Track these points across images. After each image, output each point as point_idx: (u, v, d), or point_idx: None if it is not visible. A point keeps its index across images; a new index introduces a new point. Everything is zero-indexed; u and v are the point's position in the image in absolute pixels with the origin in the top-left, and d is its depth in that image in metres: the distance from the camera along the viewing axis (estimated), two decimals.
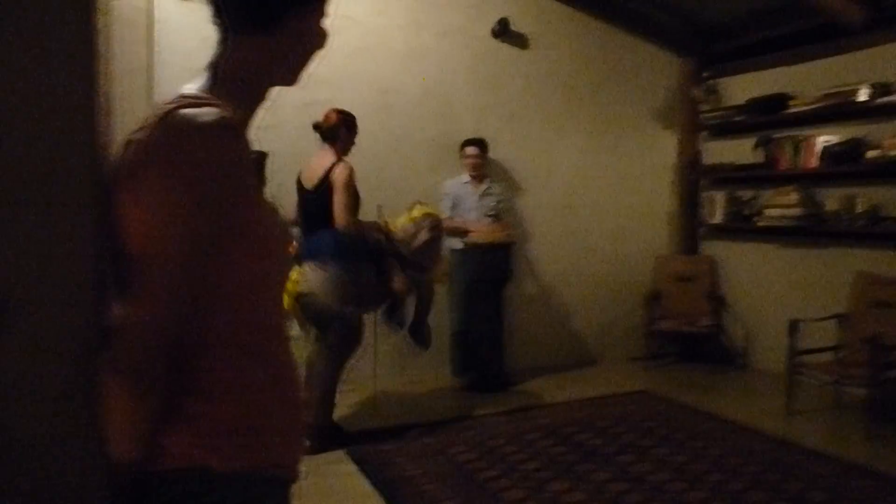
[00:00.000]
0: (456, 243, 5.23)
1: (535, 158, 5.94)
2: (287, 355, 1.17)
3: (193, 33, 4.39)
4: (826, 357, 4.73)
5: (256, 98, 1.17)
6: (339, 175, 3.96)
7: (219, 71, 1.12)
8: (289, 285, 3.96)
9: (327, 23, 1.20)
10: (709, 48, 6.29)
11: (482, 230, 5.17)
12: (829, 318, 4.86)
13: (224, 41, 1.13)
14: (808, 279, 5.47)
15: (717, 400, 5.05)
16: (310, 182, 4.07)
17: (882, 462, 3.83)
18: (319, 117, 5.35)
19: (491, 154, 5.46)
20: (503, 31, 5.63)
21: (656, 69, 6.42)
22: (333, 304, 3.92)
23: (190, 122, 0.98)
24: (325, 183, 3.97)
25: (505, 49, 5.76)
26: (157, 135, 0.99)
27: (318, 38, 1.18)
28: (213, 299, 1.04)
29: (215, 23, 1.12)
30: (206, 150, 0.97)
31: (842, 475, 3.66)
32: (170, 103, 1.02)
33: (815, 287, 5.39)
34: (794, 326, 4.64)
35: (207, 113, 0.99)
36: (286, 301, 3.97)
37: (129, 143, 1.03)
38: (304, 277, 3.92)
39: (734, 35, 6.03)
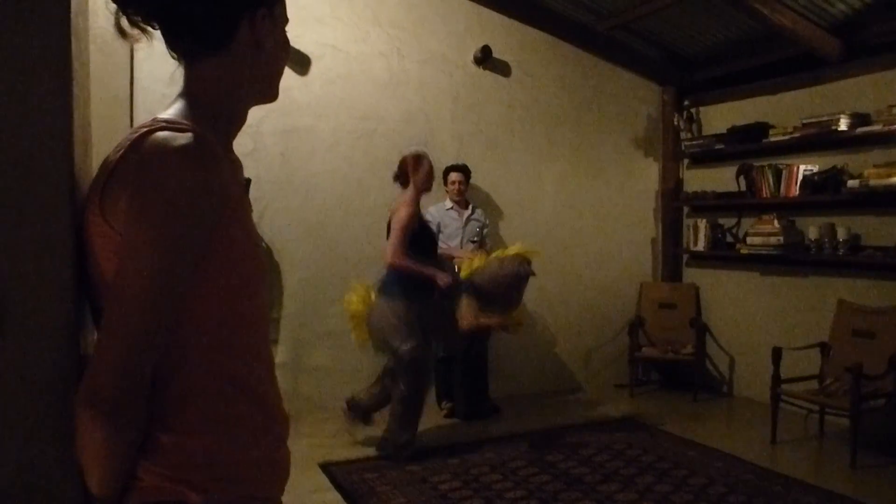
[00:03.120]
0: None
1: (518, 185, 5.95)
2: (270, 384, 1.14)
3: (171, 62, 4.38)
4: (809, 386, 4.73)
5: (234, 119, 1.15)
6: (397, 215, 4.17)
7: (190, 97, 1.09)
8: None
9: (290, 31, 1.17)
10: (689, 77, 6.36)
11: (466, 256, 5.14)
12: (811, 346, 4.87)
13: (187, 69, 1.10)
14: (790, 307, 5.49)
15: (702, 428, 5.03)
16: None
17: (865, 492, 3.81)
18: (300, 143, 5.38)
19: (473, 180, 5.47)
20: (485, 58, 5.66)
21: (637, 97, 6.47)
22: (390, 339, 4.12)
23: (162, 146, 0.96)
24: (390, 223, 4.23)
25: (487, 76, 5.79)
26: (130, 158, 0.97)
27: (282, 46, 1.15)
28: (190, 327, 1.01)
29: (172, 55, 1.11)
30: (178, 174, 0.94)
31: None
32: (144, 126, 1.00)
33: (797, 315, 5.41)
34: (776, 355, 4.64)
35: (180, 136, 0.97)
36: (361, 333, 4.29)
37: (104, 166, 1.01)
38: (375, 312, 4.20)
39: (714, 64, 6.10)
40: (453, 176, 5.31)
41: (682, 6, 5.24)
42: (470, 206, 5.39)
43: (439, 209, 5.33)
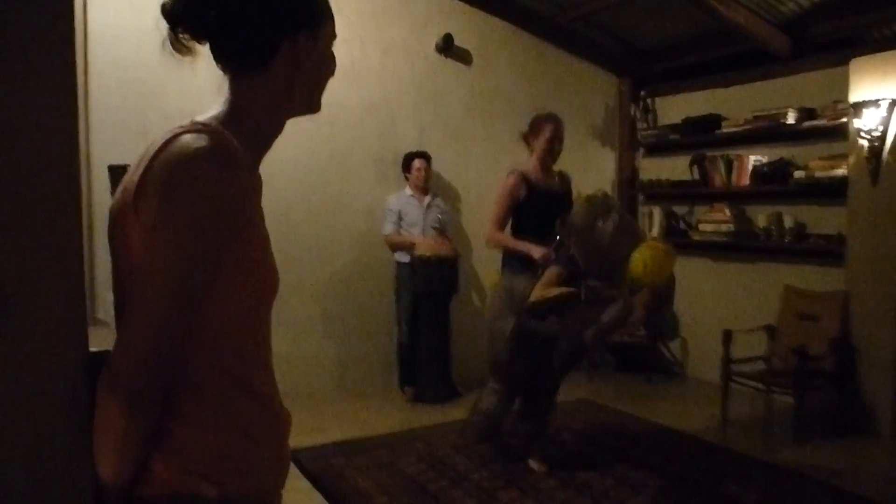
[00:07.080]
0: (402, 257, 5.29)
1: (478, 173, 6.02)
2: (271, 385, 1.19)
3: (129, 46, 4.35)
4: (757, 366, 4.94)
5: (270, 129, 1.20)
6: (499, 185, 4.03)
7: (230, 105, 1.15)
8: None
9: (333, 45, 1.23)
10: (645, 69, 6.52)
11: (428, 244, 5.22)
12: (759, 329, 5.08)
13: (230, 81, 1.16)
14: (739, 292, 5.72)
15: (656, 408, 5.21)
16: None
17: (808, 465, 4.05)
18: None
19: (434, 168, 5.53)
20: (447, 46, 5.71)
21: (595, 88, 6.61)
22: (490, 312, 3.97)
23: (185, 147, 1.01)
24: None
25: (449, 64, 5.84)
26: (159, 158, 1.02)
27: (324, 62, 1.21)
28: (203, 326, 1.05)
29: (219, 67, 1.16)
30: (198, 173, 0.99)
31: (773, 478, 3.85)
32: (181, 128, 1.06)
33: (746, 299, 5.63)
34: (727, 337, 4.83)
35: (202, 139, 1.02)
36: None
37: (138, 165, 1.05)
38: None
39: (669, 57, 6.26)
40: (417, 163, 5.36)
41: (641, 0, 5.38)
42: (430, 194, 5.46)
43: (400, 197, 5.38)
